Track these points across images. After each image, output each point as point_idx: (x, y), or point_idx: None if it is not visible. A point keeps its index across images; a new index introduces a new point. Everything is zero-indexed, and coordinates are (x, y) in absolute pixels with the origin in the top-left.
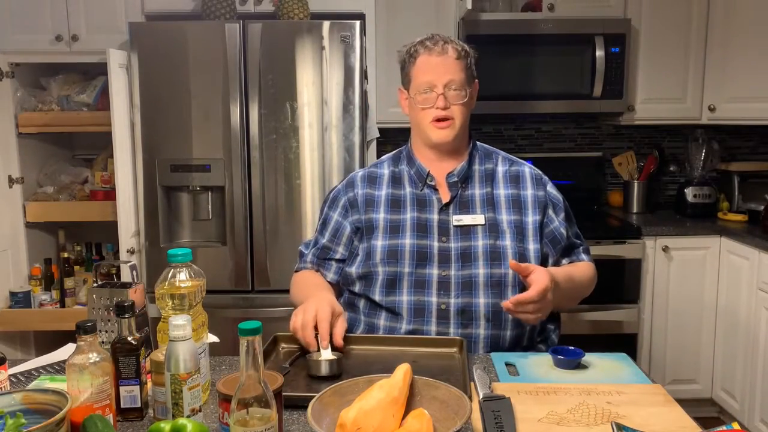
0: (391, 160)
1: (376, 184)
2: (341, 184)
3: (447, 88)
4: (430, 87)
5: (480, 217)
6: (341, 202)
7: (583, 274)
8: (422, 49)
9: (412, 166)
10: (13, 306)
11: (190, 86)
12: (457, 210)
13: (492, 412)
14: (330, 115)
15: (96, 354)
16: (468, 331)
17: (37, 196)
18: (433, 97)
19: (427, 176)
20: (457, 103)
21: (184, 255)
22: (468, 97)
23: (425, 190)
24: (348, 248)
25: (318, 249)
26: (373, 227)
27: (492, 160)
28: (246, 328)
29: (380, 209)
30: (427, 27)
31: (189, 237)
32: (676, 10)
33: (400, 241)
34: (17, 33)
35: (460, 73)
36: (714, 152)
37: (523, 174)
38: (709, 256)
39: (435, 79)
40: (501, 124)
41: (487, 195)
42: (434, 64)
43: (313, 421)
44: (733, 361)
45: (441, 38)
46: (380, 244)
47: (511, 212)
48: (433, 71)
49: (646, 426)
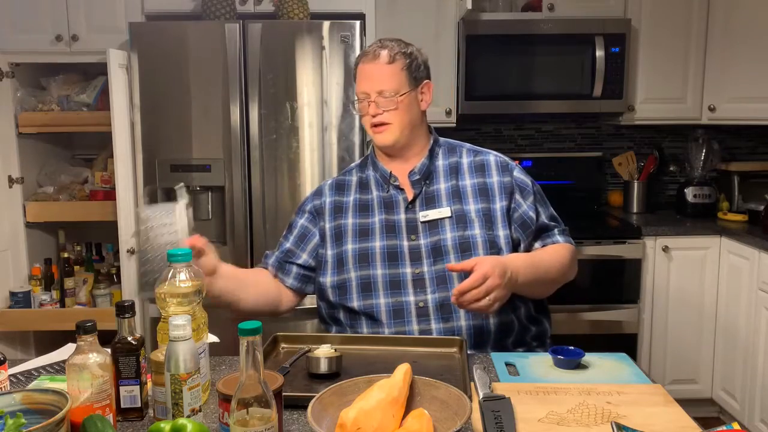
0: (358, 167)
1: (344, 190)
2: (310, 194)
3: (379, 95)
4: (365, 94)
5: (446, 209)
6: (308, 208)
7: (554, 255)
8: (361, 57)
9: (376, 170)
10: (13, 306)
11: (190, 86)
12: (424, 206)
13: (492, 412)
14: (330, 115)
15: (96, 354)
16: (450, 325)
17: (37, 196)
18: (366, 105)
19: (390, 177)
20: (389, 109)
21: (184, 255)
22: (404, 102)
23: (391, 191)
24: (312, 256)
25: (282, 252)
26: (342, 233)
27: (456, 154)
28: (246, 328)
29: (349, 215)
30: (427, 27)
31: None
32: (676, 10)
33: (370, 244)
34: (17, 33)
35: (391, 78)
36: (714, 152)
37: (488, 162)
38: (709, 256)
39: (367, 86)
40: (501, 124)
41: (453, 187)
42: (367, 71)
43: (313, 421)
44: (733, 361)
45: (379, 44)
46: (350, 248)
47: (478, 201)
48: (366, 79)
49: (646, 426)
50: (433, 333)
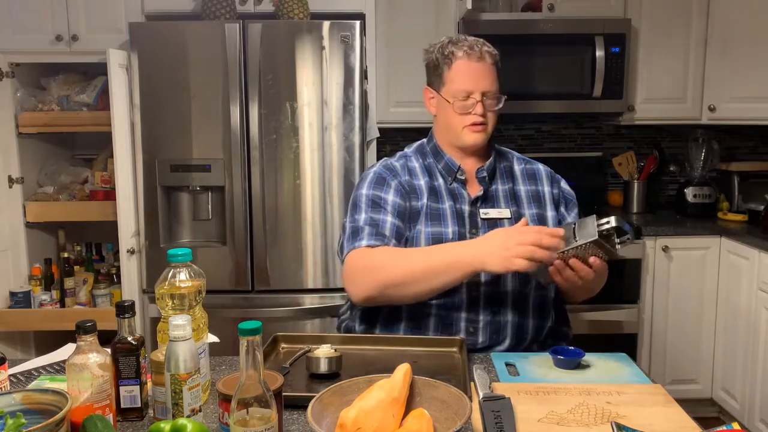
0: (417, 154)
1: (413, 173)
2: (381, 169)
3: (485, 96)
4: (469, 93)
5: (506, 211)
6: (393, 184)
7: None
8: (460, 53)
9: (440, 161)
10: (13, 306)
11: (190, 86)
12: (484, 204)
13: (492, 412)
14: (330, 115)
15: (96, 354)
16: (497, 319)
17: (37, 196)
18: (471, 104)
19: (458, 170)
20: (492, 110)
21: (184, 255)
22: (501, 102)
23: (454, 184)
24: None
25: (393, 228)
26: (418, 214)
27: (508, 159)
28: (246, 328)
29: (423, 196)
30: (427, 27)
31: (189, 237)
32: (676, 10)
33: (443, 229)
34: (17, 33)
35: (496, 81)
36: (714, 152)
37: (539, 171)
38: (709, 256)
39: (474, 86)
40: (501, 124)
41: (510, 190)
42: (474, 71)
43: (313, 421)
44: (733, 361)
45: (476, 42)
46: (423, 231)
47: (532, 206)
48: (473, 79)
49: (646, 426)
50: (479, 324)
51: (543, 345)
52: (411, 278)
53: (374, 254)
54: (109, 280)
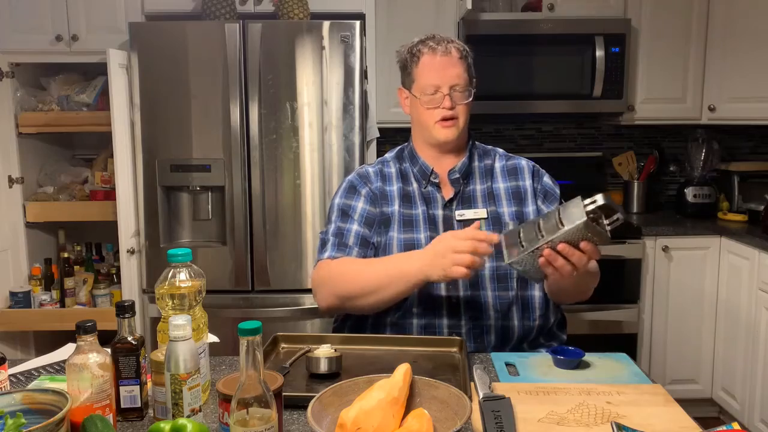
0: (395, 159)
1: (387, 179)
2: (354, 177)
3: (452, 89)
4: (436, 88)
5: (482, 211)
6: (363, 192)
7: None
8: (426, 49)
9: (415, 164)
10: (13, 306)
11: (190, 86)
12: (460, 206)
13: (492, 412)
14: (330, 115)
15: (96, 354)
16: (479, 323)
17: (37, 196)
18: (439, 98)
19: (431, 173)
20: (461, 103)
21: (184, 255)
22: (471, 96)
23: (429, 187)
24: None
25: (357, 236)
26: (389, 220)
27: (490, 157)
28: (246, 328)
29: (394, 203)
30: (427, 27)
31: (189, 237)
32: (676, 10)
33: (416, 236)
34: (17, 33)
35: (463, 73)
36: (714, 152)
37: (521, 166)
38: (709, 256)
39: (440, 80)
40: (501, 124)
41: (488, 190)
42: (439, 64)
43: (313, 421)
44: (733, 361)
45: (443, 38)
46: (396, 237)
47: (511, 204)
48: (439, 72)
49: (646, 426)
50: (462, 329)
51: (534, 344)
52: (365, 290)
53: (333, 266)
54: (109, 280)
